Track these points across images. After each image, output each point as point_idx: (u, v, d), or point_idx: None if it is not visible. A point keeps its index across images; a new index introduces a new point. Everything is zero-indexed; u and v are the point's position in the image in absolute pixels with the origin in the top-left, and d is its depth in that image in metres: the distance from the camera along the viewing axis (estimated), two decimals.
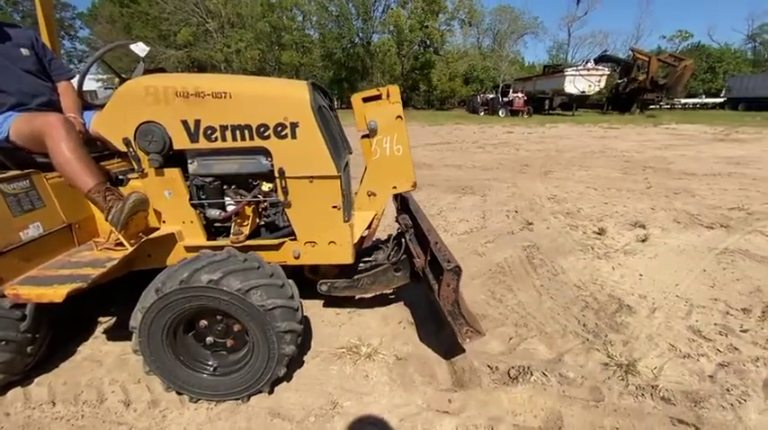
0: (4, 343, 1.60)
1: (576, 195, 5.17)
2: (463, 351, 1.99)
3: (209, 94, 1.71)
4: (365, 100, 1.88)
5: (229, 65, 29.28)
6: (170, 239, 1.90)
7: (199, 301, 1.50)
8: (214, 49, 28.62)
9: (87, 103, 2.17)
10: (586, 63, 24.50)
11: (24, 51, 1.96)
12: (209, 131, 1.75)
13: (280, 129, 1.74)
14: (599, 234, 3.68)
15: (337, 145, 2.01)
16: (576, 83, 23.05)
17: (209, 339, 1.67)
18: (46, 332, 1.80)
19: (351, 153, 2.27)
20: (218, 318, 1.62)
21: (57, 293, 1.51)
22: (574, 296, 2.61)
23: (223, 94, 1.71)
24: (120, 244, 1.79)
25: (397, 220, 2.44)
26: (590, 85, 23.32)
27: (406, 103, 35.56)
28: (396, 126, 1.91)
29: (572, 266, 3.03)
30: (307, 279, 2.30)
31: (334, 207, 1.87)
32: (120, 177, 2.00)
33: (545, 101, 24.75)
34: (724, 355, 1.96)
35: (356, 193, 2.10)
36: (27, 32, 2.03)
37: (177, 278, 1.47)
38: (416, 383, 1.76)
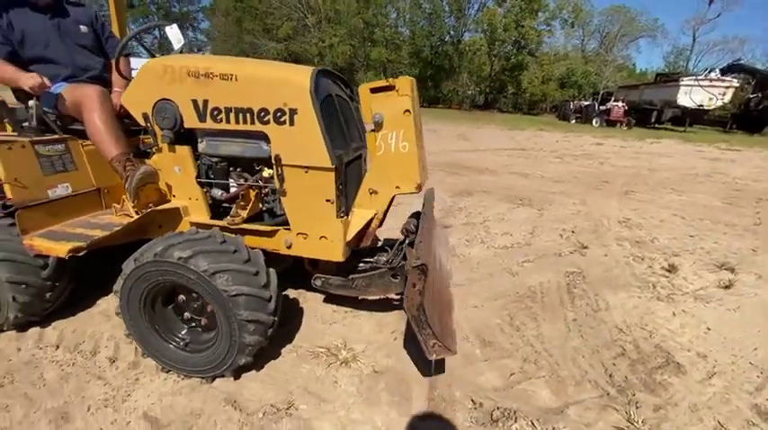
0: (24, 286, 1.80)
1: (656, 222, 4.43)
2: (449, 376, 1.79)
3: (217, 76, 1.73)
4: (373, 90, 1.75)
5: (322, 58, 30.78)
6: (177, 213, 1.98)
7: (169, 276, 1.52)
8: (310, 43, 30.33)
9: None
10: (709, 73, 20.97)
11: (83, 28, 2.18)
12: (215, 112, 1.77)
13: (279, 114, 1.70)
14: (668, 271, 3.09)
15: (343, 137, 1.92)
16: (693, 94, 19.92)
17: (186, 314, 1.71)
18: (67, 282, 2.00)
19: (366, 148, 2.16)
20: (194, 295, 1.64)
21: (61, 249, 1.65)
22: (610, 339, 2.20)
23: (230, 76, 1.72)
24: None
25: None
26: (710, 98, 20.00)
27: (491, 105, 34.15)
28: (403, 121, 1.75)
29: (620, 304, 2.58)
30: (307, 271, 2.25)
31: (328, 201, 1.79)
32: (147, 150, 2.14)
33: (652, 113, 21.80)
34: None
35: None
36: (89, 11, 2.26)
37: (152, 251, 1.51)
38: (382, 402, 1.61)
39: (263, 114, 1.71)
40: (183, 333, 1.70)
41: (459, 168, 7.28)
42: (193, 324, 1.71)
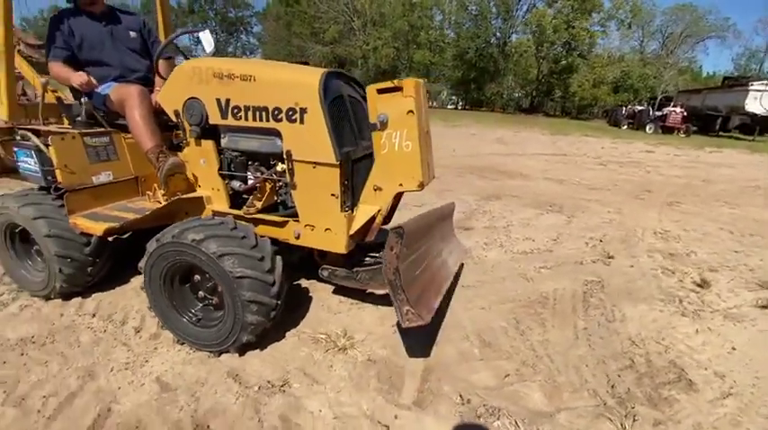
0: (69, 260, 2.06)
1: (698, 235, 4.14)
2: (442, 371, 1.82)
3: (237, 77, 1.88)
4: (380, 91, 1.82)
5: (366, 61, 31.34)
6: (201, 202, 2.17)
7: (184, 257, 1.69)
8: (354, 46, 30.95)
9: None
10: None
11: (132, 34, 2.44)
12: (235, 110, 1.93)
13: (291, 113, 1.82)
14: (700, 286, 2.90)
15: (353, 135, 2.02)
16: (764, 100, 18.15)
17: (201, 293, 1.88)
18: (106, 259, 2.25)
19: None
20: (208, 275, 1.80)
21: (99, 228, 1.88)
22: (620, 350, 2.13)
23: (249, 77, 1.87)
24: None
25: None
26: None
27: (536, 109, 33.05)
28: (406, 121, 1.81)
29: (637, 316, 2.47)
30: (316, 263, 2.37)
31: (333, 195, 1.89)
32: (179, 144, 2.36)
33: (716, 120, 20.08)
34: None
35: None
36: (138, 19, 2.53)
37: (171, 233, 1.69)
38: (370, 388, 1.68)
39: (276, 113, 1.84)
40: (196, 309, 1.87)
41: (491, 172, 7.17)
42: (206, 302, 1.88)
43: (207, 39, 2.22)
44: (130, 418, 1.46)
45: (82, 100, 2.22)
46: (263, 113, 1.87)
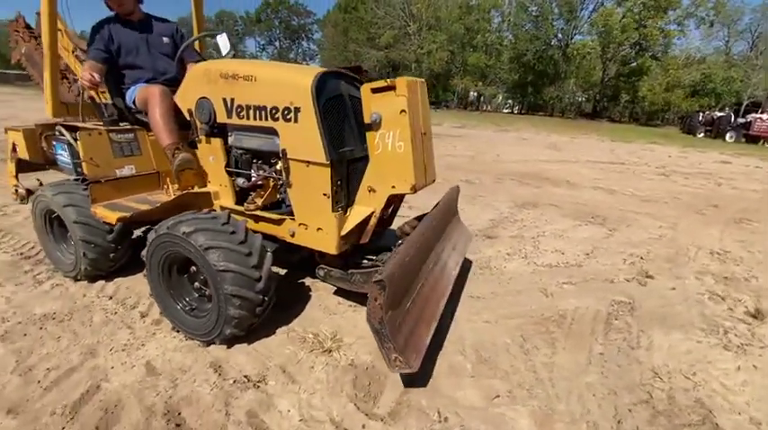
0: (93, 245, 2.25)
1: (765, 258, 3.61)
2: (426, 385, 1.74)
3: (241, 77, 1.95)
4: (374, 90, 1.79)
5: (419, 65, 31.29)
6: (209, 197, 2.27)
7: (176, 248, 1.77)
8: (408, 50, 31.04)
9: None
10: None
11: (165, 39, 2.62)
12: (239, 109, 2.00)
13: (286, 112, 1.84)
14: (753, 316, 2.51)
15: (352, 136, 1.99)
16: None
17: (196, 284, 1.95)
18: (127, 247, 2.43)
19: None
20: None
21: (113, 216, 2.03)
22: (638, 382, 1.90)
23: (251, 77, 1.92)
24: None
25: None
26: None
27: (600, 114, 30.95)
28: (398, 121, 1.75)
29: (667, 345, 2.19)
30: (316, 263, 2.38)
31: (324, 195, 1.88)
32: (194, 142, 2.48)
33: None
34: None
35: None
36: (172, 26, 2.71)
37: (166, 224, 1.78)
38: (343, 394, 1.63)
39: (274, 112, 1.88)
40: (190, 299, 1.95)
41: (534, 179, 6.81)
42: (200, 293, 1.95)
43: (223, 42, 2.32)
44: (112, 397, 1.55)
45: (114, 99, 2.42)
46: (263, 112, 1.92)
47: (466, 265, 3.04)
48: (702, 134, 19.69)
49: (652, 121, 30.86)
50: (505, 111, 36.66)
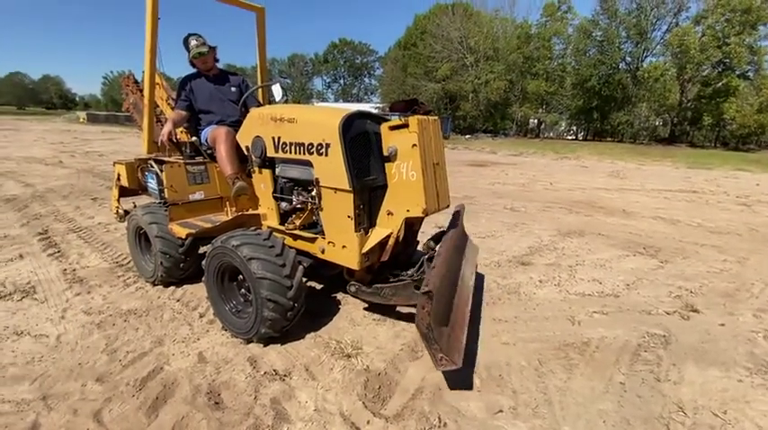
0: (168, 256, 2.75)
1: None
2: (431, 392, 1.88)
3: (286, 120, 2.36)
4: (391, 128, 2.08)
5: (476, 95, 31.55)
6: (258, 218, 2.68)
7: (227, 258, 2.15)
8: (465, 81, 31.53)
9: None
10: None
11: (233, 89, 3.19)
12: (284, 145, 2.40)
13: (319, 147, 2.20)
14: None
15: (375, 167, 2.27)
16: None
17: (242, 290, 2.32)
18: (195, 258, 2.91)
19: None
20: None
21: (182, 232, 2.50)
22: (658, 414, 1.85)
23: (293, 120, 2.33)
24: None
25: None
26: None
27: (677, 139, 28.45)
28: (411, 153, 2.01)
29: (701, 381, 2.10)
30: (345, 281, 2.64)
31: (348, 217, 2.17)
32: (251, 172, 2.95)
33: None
34: None
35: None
36: (238, 78, 3.29)
37: (220, 239, 2.18)
38: (354, 393, 1.84)
39: (310, 147, 2.24)
40: (236, 302, 2.31)
41: (586, 207, 6.57)
42: (244, 298, 2.31)
43: (277, 90, 2.80)
44: (170, 377, 1.92)
45: (192, 139, 2.99)
46: (302, 148, 2.29)
47: (491, 288, 3.13)
48: None
49: (744, 146, 27.62)
50: (569, 137, 35.21)
